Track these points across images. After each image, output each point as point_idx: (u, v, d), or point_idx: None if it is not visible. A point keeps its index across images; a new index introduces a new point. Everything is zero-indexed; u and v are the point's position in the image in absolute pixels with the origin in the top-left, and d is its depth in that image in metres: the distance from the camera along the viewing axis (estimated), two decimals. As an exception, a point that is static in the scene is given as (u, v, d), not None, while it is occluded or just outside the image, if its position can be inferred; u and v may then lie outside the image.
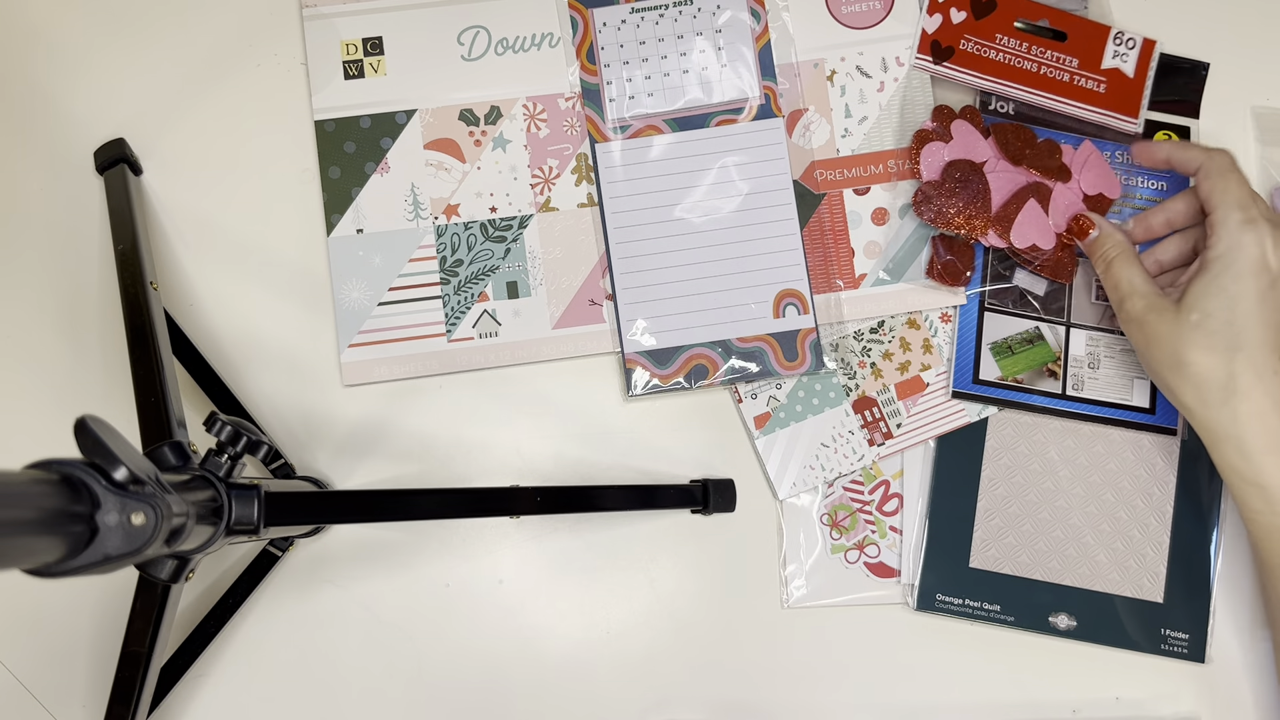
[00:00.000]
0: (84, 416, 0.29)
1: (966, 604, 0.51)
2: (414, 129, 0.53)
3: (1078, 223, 0.51)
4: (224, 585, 0.51)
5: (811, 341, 0.52)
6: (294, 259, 0.53)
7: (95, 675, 0.51)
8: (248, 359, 0.53)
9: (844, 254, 0.53)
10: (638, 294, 0.52)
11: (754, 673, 0.52)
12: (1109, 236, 0.50)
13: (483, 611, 0.52)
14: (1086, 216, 0.51)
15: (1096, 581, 0.52)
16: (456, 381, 0.53)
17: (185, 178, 0.54)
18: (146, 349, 0.45)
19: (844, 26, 0.54)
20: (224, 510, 0.38)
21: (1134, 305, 0.47)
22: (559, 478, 0.52)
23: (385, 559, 0.52)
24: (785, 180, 0.53)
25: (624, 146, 0.53)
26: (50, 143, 0.54)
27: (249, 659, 0.51)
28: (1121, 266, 0.48)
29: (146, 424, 0.43)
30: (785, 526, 0.52)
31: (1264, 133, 0.56)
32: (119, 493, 0.28)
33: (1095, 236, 0.50)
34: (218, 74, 0.54)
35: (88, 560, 0.27)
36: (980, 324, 0.52)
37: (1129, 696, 0.52)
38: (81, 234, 0.53)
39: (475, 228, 0.53)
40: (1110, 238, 0.50)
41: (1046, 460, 0.52)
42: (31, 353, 0.53)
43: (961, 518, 0.52)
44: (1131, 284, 0.47)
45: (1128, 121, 0.53)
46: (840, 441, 0.52)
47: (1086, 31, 0.54)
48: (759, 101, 0.53)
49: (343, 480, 0.52)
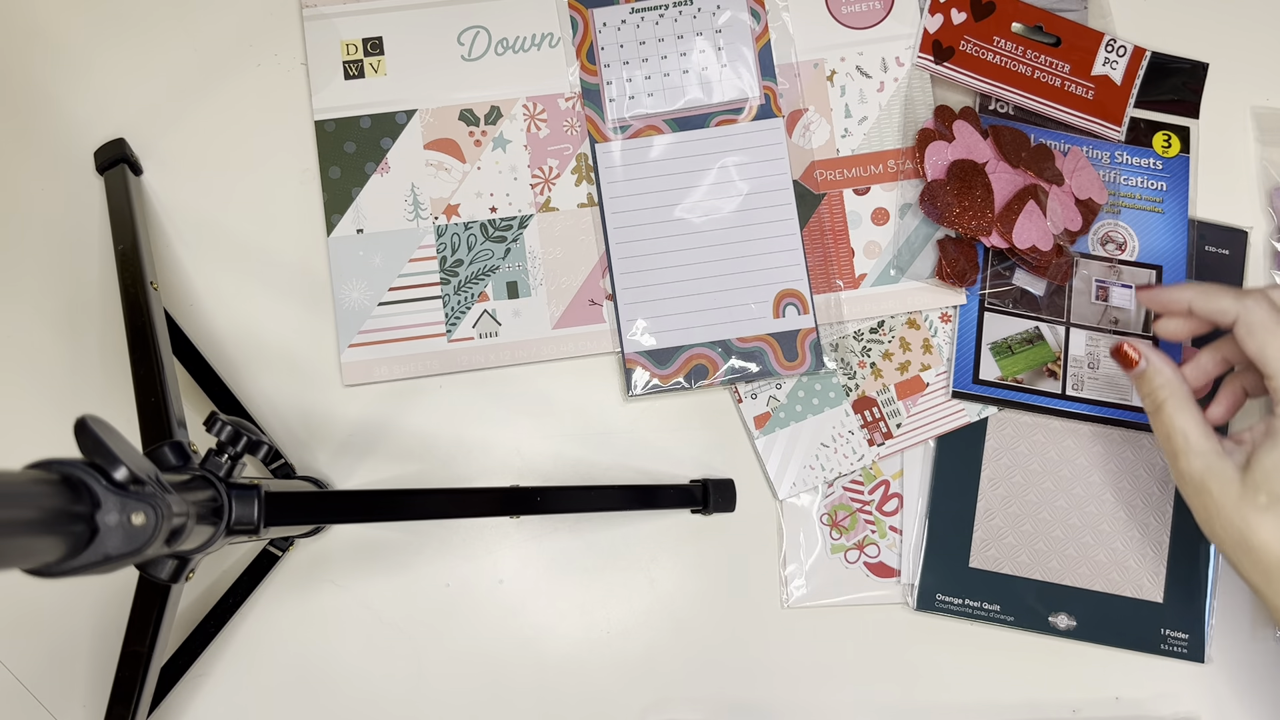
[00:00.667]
0: (84, 416, 0.29)
1: (966, 604, 0.51)
2: (414, 129, 0.53)
3: (1122, 353, 0.44)
4: (224, 585, 0.51)
5: (811, 341, 0.52)
6: (294, 259, 0.53)
7: (95, 675, 0.51)
8: (248, 359, 0.53)
9: (844, 254, 0.53)
10: (638, 294, 0.52)
11: (754, 673, 0.52)
12: (1159, 373, 0.43)
13: (483, 611, 0.52)
14: (1134, 347, 0.44)
15: (1096, 581, 0.52)
16: (456, 381, 0.53)
17: (185, 178, 0.54)
18: (146, 349, 0.45)
19: (844, 26, 0.54)
20: (224, 510, 0.38)
21: (1190, 465, 0.41)
22: (559, 478, 0.52)
23: (385, 559, 0.52)
24: (785, 180, 0.53)
25: (624, 146, 0.53)
26: (51, 143, 0.54)
27: (249, 659, 0.51)
28: (1175, 413, 0.42)
29: (146, 424, 0.43)
30: (785, 526, 0.52)
31: (1264, 133, 0.56)
32: (119, 493, 0.28)
33: (1143, 370, 0.44)
34: (218, 74, 0.54)
35: (88, 560, 0.27)
36: (980, 324, 0.53)
37: (1129, 696, 0.52)
38: (81, 234, 0.53)
39: (475, 228, 0.53)
40: (1160, 374, 0.43)
41: (1046, 460, 0.52)
42: (31, 353, 0.53)
43: (961, 518, 0.52)
44: (1186, 438, 0.42)
45: (1112, 129, 0.54)
46: (840, 441, 0.52)
47: (1080, 37, 0.54)
48: (759, 101, 0.53)
49: (343, 480, 0.52)
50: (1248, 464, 0.40)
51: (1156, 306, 0.46)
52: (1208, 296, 0.43)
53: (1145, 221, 0.54)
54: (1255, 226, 0.55)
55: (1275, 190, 0.55)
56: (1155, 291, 0.45)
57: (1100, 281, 0.53)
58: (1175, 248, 0.54)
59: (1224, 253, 0.54)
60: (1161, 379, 0.43)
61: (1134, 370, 0.44)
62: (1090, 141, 0.54)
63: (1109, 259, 0.53)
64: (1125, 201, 0.54)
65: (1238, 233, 0.54)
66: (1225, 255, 0.54)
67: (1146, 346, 0.44)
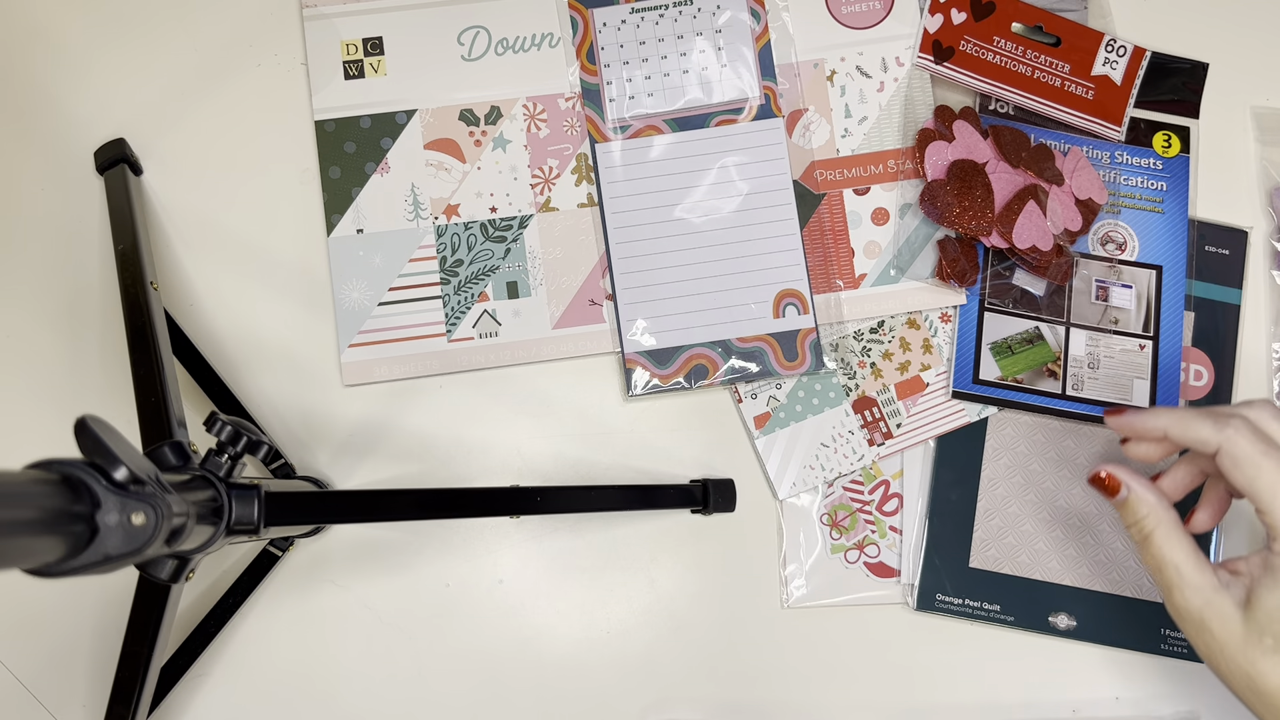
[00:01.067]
0: (84, 416, 0.29)
1: (966, 604, 0.51)
2: (414, 129, 0.53)
3: (1103, 482, 0.42)
4: (224, 585, 0.51)
5: (811, 341, 0.52)
6: (294, 259, 0.53)
7: (95, 675, 0.51)
8: (248, 359, 0.53)
9: (844, 254, 0.53)
10: (638, 294, 0.52)
11: (754, 673, 0.52)
12: (1142, 501, 0.41)
13: (483, 611, 0.52)
14: (1114, 475, 0.41)
15: (1096, 581, 0.52)
16: (456, 381, 0.53)
17: (185, 178, 0.54)
18: (146, 349, 0.45)
19: (844, 26, 0.54)
20: (224, 510, 0.38)
21: (1187, 601, 0.39)
22: (559, 478, 0.52)
23: (385, 559, 0.52)
24: (785, 180, 0.53)
25: (624, 146, 0.53)
26: (51, 143, 0.54)
27: (249, 659, 0.51)
28: (1165, 544, 0.40)
29: (146, 424, 0.43)
30: (785, 526, 0.52)
31: (1264, 133, 0.56)
32: (119, 493, 0.28)
33: (1125, 499, 0.41)
34: (218, 74, 0.54)
35: (88, 560, 0.27)
36: (980, 324, 0.53)
37: (1129, 696, 0.52)
38: (81, 234, 0.53)
39: (475, 228, 0.53)
40: (1144, 502, 0.41)
41: (1046, 460, 0.52)
42: (31, 353, 0.53)
43: (961, 518, 0.52)
44: (1179, 571, 0.39)
45: (1112, 129, 0.54)
46: (840, 441, 0.52)
47: (1080, 37, 0.54)
48: (759, 101, 0.53)
49: (343, 480, 0.52)
50: (1249, 601, 0.38)
51: (1128, 432, 0.43)
52: (1185, 425, 0.40)
53: (1145, 221, 0.54)
54: (1255, 226, 0.55)
55: (1275, 190, 0.55)
56: (1127, 417, 0.42)
57: (1100, 281, 0.53)
58: (1175, 248, 0.54)
59: (1224, 253, 0.54)
60: (1146, 507, 0.41)
61: (1115, 499, 0.42)
62: (1090, 141, 0.54)
63: (1109, 259, 0.53)
64: (1125, 201, 0.54)
65: (1238, 233, 0.54)
66: (1225, 255, 0.54)
67: (1127, 473, 0.41)
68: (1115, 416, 0.43)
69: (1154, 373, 0.52)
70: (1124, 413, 0.43)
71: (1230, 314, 0.54)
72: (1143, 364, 0.52)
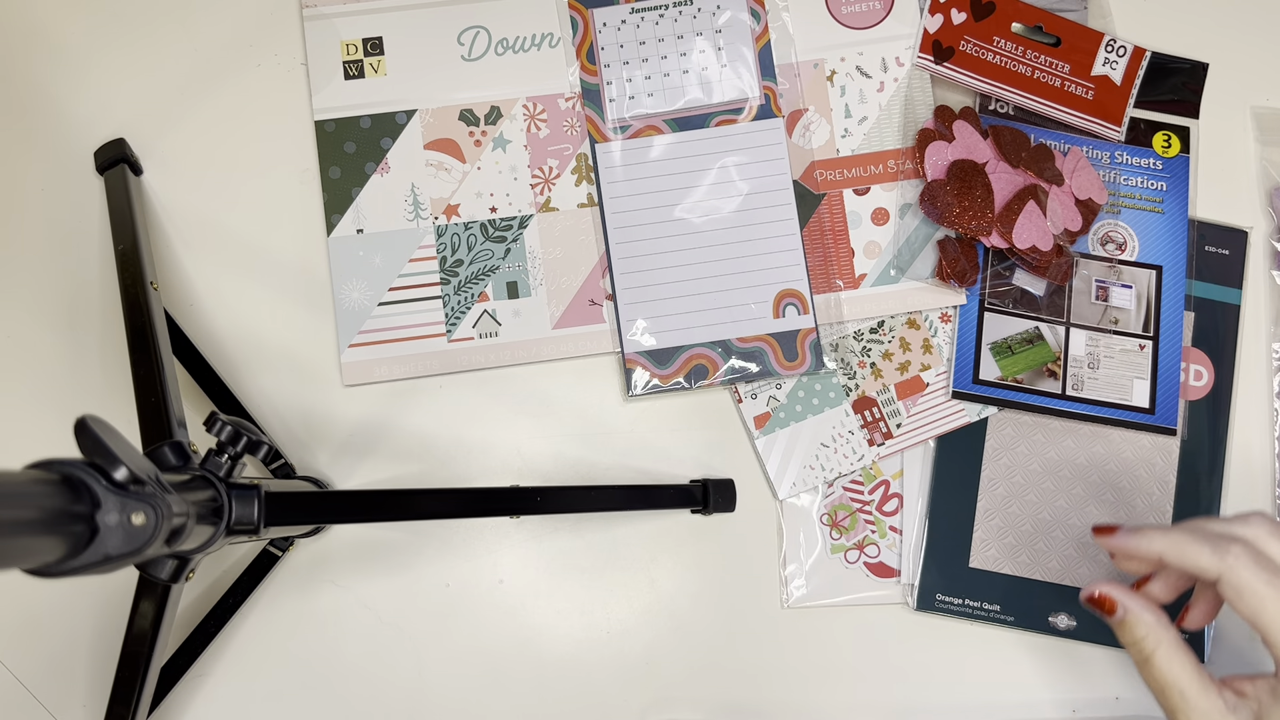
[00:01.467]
0: (84, 416, 0.29)
1: (966, 604, 0.51)
2: (414, 129, 0.53)
3: (1099, 602, 0.40)
4: (224, 585, 0.51)
5: (811, 341, 0.52)
6: (294, 259, 0.53)
7: (95, 675, 0.51)
8: (248, 359, 0.53)
9: (844, 254, 0.53)
10: (638, 294, 0.52)
11: (754, 673, 0.52)
12: (1140, 621, 0.39)
13: (483, 611, 0.52)
14: (1108, 595, 0.39)
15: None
16: (456, 381, 0.53)
17: (185, 178, 0.54)
18: (146, 349, 0.45)
19: (844, 27, 0.54)
20: (224, 510, 0.38)
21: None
22: (559, 478, 0.52)
23: (385, 559, 0.52)
24: (785, 180, 0.53)
25: (624, 146, 0.53)
26: (51, 143, 0.54)
27: (249, 659, 0.51)
28: (1168, 665, 0.38)
29: (146, 424, 0.43)
30: (785, 526, 0.52)
31: (1264, 133, 0.56)
32: (119, 493, 0.28)
33: (1122, 619, 0.39)
34: (218, 74, 0.54)
35: (88, 560, 0.27)
36: (980, 324, 0.53)
37: (1129, 696, 0.52)
38: (81, 234, 0.53)
39: (475, 228, 0.53)
40: (1142, 622, 0.39)
41: (1046, 460, 0.52)
42: (31, 353, 0.53)
43: (961, 518, 0.52)
44: (1184, 695, 0.38)
45: (1112, 129, 0.54)
46: (840, 441, 0.52)
47: (1080, 37, 0.54)
48: (759, 101, 0.53)
49: (343, 480, 0.52)
50: None
51: (1121, 555, 0.41)
52: (1182, 551, 0.38)
53: (1145, 221, 0.54)
54: (1255, 226, 0.55)
55: (1275, 190, 0.55)
56: (1119, 539, 0.40)
57: (1100, 281, 0.53)
58: (1175, 248, 0.54)
59: (1224, 253, 0.54)
60: (1145, 628, 0.39)
61: (1112, 619, 0.40)
62: (1090, 141, 0.54)
63: (1109, 259, 0.53)
64: (1125, 201, 0.54)
65: (1238, 233, 0.54)
66: (1225, 255, 0.54)
67: (1122, 591, 0.40)
68: (1106, 537, 0.41)
69: (1154, 373, 0.52)
70: (1115, 533, 0.41)
71: (1230, 314, 0.54)
72: (1143, 364, 0.52)
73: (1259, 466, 0.53)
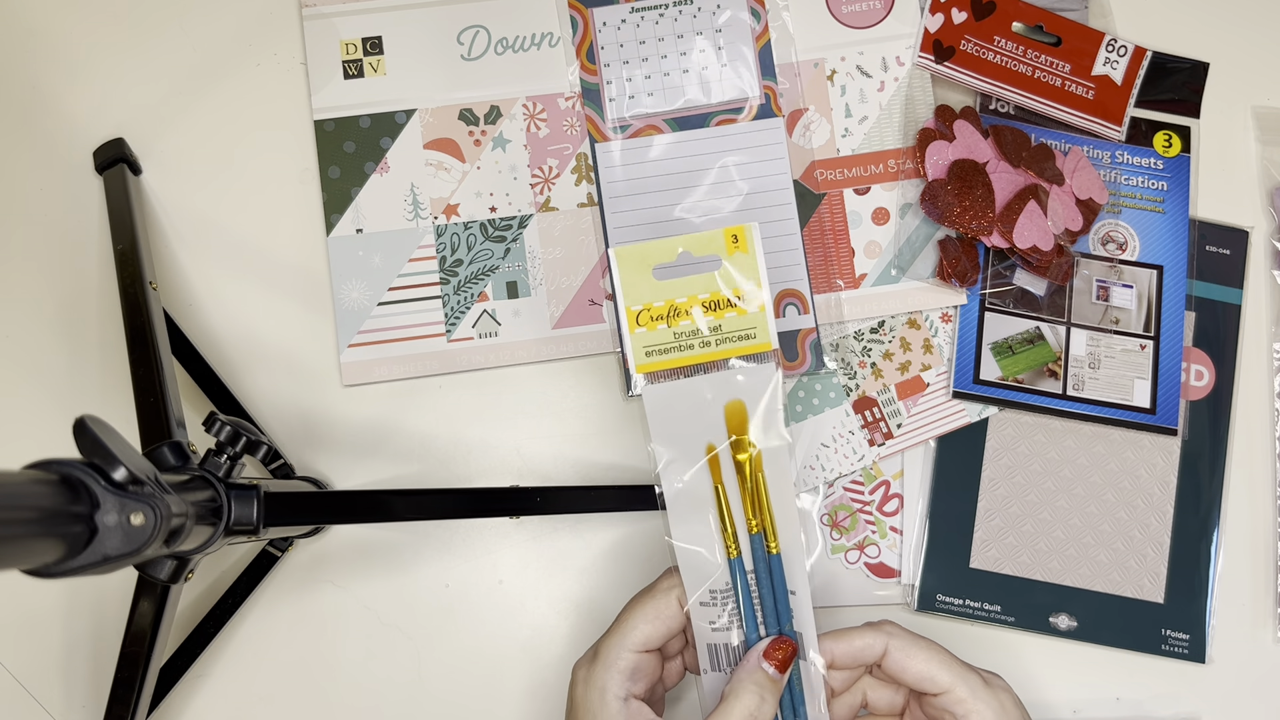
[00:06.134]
0: (83, 416, 0.29)
1: (967, 604, 0.51)
2: (414, 129, 0.53)
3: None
4: (224, 585, 0.50)
5: (811, 341, 0.52)
6: (294, 259, 0.53)
7: (95, 675, 0.51)
8: (248, 359, 0.53)
9: (844, 254, 0.53)
10: (638, 294, 0.52)
11: (754, 673, 0.52)
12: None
13: (483, 611, 0.52)
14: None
15: (1097, 582, 0.51)
16: (456, 381, 0.53)
17: (185, 177, 0.54)
18: (146, 349, 0.45)
19: (844, 26, 0.54)
20: (223, 510, 0.38)
21: None
22: (559, 478, 0.52)
23: (385, 559, 0.52)
24: (785, 180, 0.53)
25: (624, 146, 0.53)
26: (50, 143, 0.54)
27: (249, 659, 0.51)
28: None
29: (146, 424, 0.43)
30: (785, 527, 0.52)
31: (1264, 133, 0.56)
32: (118, 493, 0.28)
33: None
34: (217, 74, 0.54)
35: (87, 560, 0.27)
36: (981, 324, 0.52)
37: (1129, 696, 0.52)
38: (81, 234, 0.53)
39: (475, 228, 0.53)
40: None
41: (1047, 460, 0.52)
42: (31, 353, 0.53)
43: (962, 518, 0.52)
44: None
45: (1112, 128, 0.54)
46: (840, 441, 0.52)
47: (1080, 37, 0.54)
48: (759, 101, 0.53)
49: (343, 480, 0.52)
50: None
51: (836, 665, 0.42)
52: (847, 640, 0.41)
53: (1146, 221, 0.54)
54: (1256, 226, 0.55)
55: (1276, 190, 0.55)
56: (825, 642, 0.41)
57: (1101, 281, 0.53)
58: (1176, 247, 0.54)
59: (1224, 252, 0.54)
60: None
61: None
62: (1091, 141, 0.54)
63: (1110, 259, 0.53)
64: (1126, 201, 0.54)
65: (1238, 232, 0.54)
66: (1226, 255, 0.54)
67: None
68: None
69: (1154, 373, 0.52)
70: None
71: (1231, 314, 0.54)
72: (1143, 364, 0.52)
73: (1260, 467, 0.53)
